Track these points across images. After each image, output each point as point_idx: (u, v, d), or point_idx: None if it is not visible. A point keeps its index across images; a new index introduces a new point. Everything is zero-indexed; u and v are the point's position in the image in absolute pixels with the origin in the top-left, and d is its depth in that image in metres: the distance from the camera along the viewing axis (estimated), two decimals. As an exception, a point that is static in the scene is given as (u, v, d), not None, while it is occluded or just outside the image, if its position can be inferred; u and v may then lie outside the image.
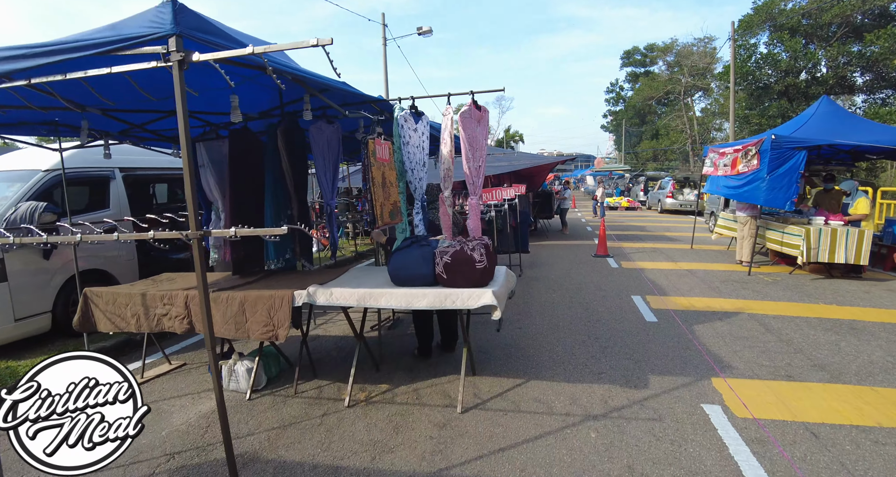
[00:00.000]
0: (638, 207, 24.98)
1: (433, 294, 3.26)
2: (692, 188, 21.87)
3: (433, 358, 4.49)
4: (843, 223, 7.68)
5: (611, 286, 7.30)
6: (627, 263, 9.28)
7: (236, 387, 4.15)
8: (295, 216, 4.44)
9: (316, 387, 4.08)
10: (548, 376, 4.04)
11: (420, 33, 18.50)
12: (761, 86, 23.01)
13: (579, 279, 7.84)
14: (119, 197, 6.10)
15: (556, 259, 9.84)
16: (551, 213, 14.36)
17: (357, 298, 3.36)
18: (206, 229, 2.41)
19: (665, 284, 7.44)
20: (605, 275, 8.17)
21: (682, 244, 11.68)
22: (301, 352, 4.15)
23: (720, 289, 7.05)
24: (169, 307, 3.92)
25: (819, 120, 8.40)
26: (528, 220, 8.32)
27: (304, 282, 3.91)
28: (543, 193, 14.13)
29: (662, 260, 9.60)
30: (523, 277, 8.14)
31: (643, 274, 8.18)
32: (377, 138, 3.65)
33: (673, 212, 21.52)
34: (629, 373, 4.07)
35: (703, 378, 3.95)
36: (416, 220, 4.05)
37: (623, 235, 13.54)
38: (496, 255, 3.68)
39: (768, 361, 4.26)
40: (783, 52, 21.36)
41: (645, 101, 47.01)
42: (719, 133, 41.95)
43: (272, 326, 3.60)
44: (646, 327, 5.29)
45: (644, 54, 53.29)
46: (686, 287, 7.20)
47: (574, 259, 9.78)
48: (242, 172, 4.33)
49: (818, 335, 4.95)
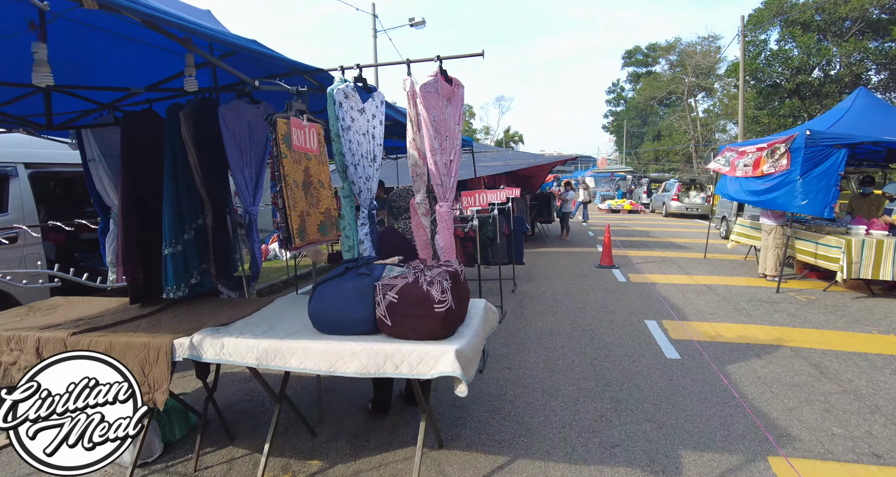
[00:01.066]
0: (641, 210, 23.88)
1: (367, 353, 2.16)
2: (698, 191, 20.80)
3: (392, 417, 3.40)
4: (886, 233, 6.59)
5: (619, 307, 6.20)
6: (636, 275, 8.18)
7: (119, 459, 3.06)
8: (209, 226, 3.34)
9: (227, 459, 2.99)
10: (541, 451, 2.93)
11: (412, 25, 17.43)
12: (771, 84, 21.94)
13: (582, 297, 6.74)
14: (22, 198, 5.00)
15: (555, 270, 8.74)
16: (550, 217, 13.25)
17: (257, 355, 2.26)
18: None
19: (682, 303, 6.34)
20: (612, 291, 7.08)
21: (694, 252, 10.58)
22: (205, 411, 3.04)
23: (748, 311, 5.95)
24: (17, 354, 2.84)
25: (858, 114, 7.31)
26: (524, 228, 7.22)
27: (207, 319, 2.83)
28: (542, 195, 13.02)
29: (675, 272, 8.50)
30: (517, 293, 7.04)
31: (655, 290, 7.09)
32: (294, 118, 2.53)
33: (678, 215, 20.43)
34: (652, 446, 2.97)
35: (757, 456, 2.85)
36: (360, 235, 2.95)
37: (628, 242, 12.45)
38: (467, 286, 2.57)
39: (840, 428, 3.16)
40: (795, 48, 20.29)
41: (647, 101, 45.96)
42: (723, 134, 40.95)
43: (147, 387, 2.50)
44: (667, 368, 4.19)
45: (646, 54, 52.31)
46: (708, 308, 6.10)
47: (576, 270, 8.68)
48: (140, 168, 3.24)
49: (891, 382, 3.85)
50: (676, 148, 42.00)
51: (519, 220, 7.22)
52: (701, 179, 21.10)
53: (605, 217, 21.28)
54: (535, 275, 8.33)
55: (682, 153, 40.57)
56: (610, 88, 60.74)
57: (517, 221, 7.20)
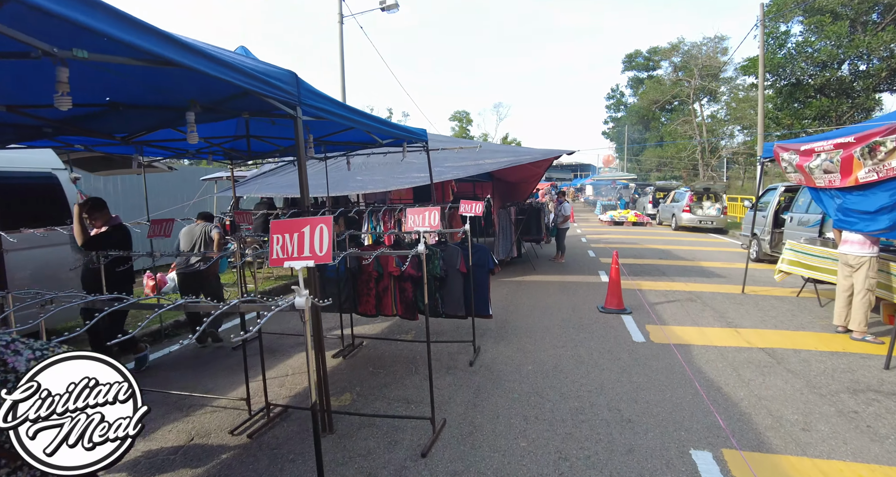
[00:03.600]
0: (647, 223, 21.34)
1: None
2: (713, 201, 18.32)
3: None
4: None
5: (642, 410, 3.67)
6: (657, 329, 5.65)
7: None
8: None
9: None
10: None
11: (383, 9, 15.06)
12: (793, 82, 19.55)
13: (579, 382, 4.21)
14: None
15: (541, 316, 6.22)
16: (541, 235, 10.73)
17: None
18: None
19: (742, 398, 3.82)
20: (626, 367, 4.54)
21: (725, 283, 8.07)
22: None
23: (867, 420, 3.43)
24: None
25: None
26: (489, 264, 4.70)
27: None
28: (531, 208, 10.51)
29: (710, 320, 5.98)
30: (478, 367, 4.52)
31: (691, 363, 4.57)
32: None
33: (691, 229, 17.95)
34: None
35: None
36: None
37: (639, 266, 9.91)
38: None
39: None
40: (821, 39, 17.90)
41: (650, 106, 43.70)
42: (732, 140, 38.55)
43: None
44: None
45: (647, 58, 50.29)
46: (789, 411, 3.58)
47: (571, 318, 6.16)
48: None
49: None
50: (681, 155, 39.63)
51: (481, 252, 4.71)
52: (716, 188, 18.62)
53: (607, 230, 18.75)
54: (511, 325, 5.80)
55: (689, 159, 38.18)
56: (609, 94, 58.74)
57: (478, 254, 4.70)
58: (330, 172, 8.41)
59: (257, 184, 8.57)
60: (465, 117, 63.82)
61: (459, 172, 7.63)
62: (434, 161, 8.15)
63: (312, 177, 8.37)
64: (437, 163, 7.98)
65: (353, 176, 8.00)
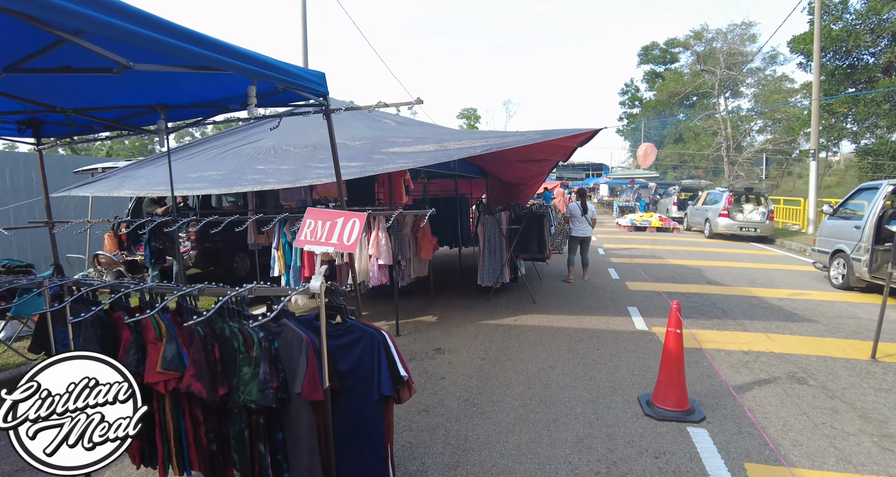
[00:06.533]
0: (674, 228, 18.16)
1: None
2: (756, 204, 15.18)
3: None
4: None
5: None
6: (767, 472, 2.69)
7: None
8: None
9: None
10: None
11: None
12: (851, 61, 16.35)
13: None
14: None
15: (531, 431, 3.28)
16: (544, 251, 7.75)
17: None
18: None
19: None
20: None
21: (827, 335, 5.07)
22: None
23: None
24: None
25: None
26: (385, 376, 1.82)
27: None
28: (529, 213, 7.54)
29: (855, 448, 3.01)
30: None
31: None
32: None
33: (729, 237, 14.86)
34: None
35: None
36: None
37: (684, 298, 6.87)
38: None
39: None
40: (893, 6, 14.70)
41: (669, 99, 40.35)
42: (760, 136, 35.09)
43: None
44: None
45: (664, 50, 46.88)
46: None
47: (590, 436, 3.21)
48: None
49: None
50: (704, 152, 36.27)
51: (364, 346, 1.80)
52: (760, 189, 15.48)
53: (628, 238, 15.67)
54: (473, 461, 2.89)
55: (714, 158, 34.80)
56: (623, 89, 55.22)
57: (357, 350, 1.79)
58: (223, 160, 5.57)
59: (119, 178, 5.76)
60: (473, 114, 60.86)
61: (411, 161, 4.74)
62: (373, 143, 5.26)
63: (189, 166, 5.54)
64: (379, 146, 5.14)
65: (250, 165, 5.16)
